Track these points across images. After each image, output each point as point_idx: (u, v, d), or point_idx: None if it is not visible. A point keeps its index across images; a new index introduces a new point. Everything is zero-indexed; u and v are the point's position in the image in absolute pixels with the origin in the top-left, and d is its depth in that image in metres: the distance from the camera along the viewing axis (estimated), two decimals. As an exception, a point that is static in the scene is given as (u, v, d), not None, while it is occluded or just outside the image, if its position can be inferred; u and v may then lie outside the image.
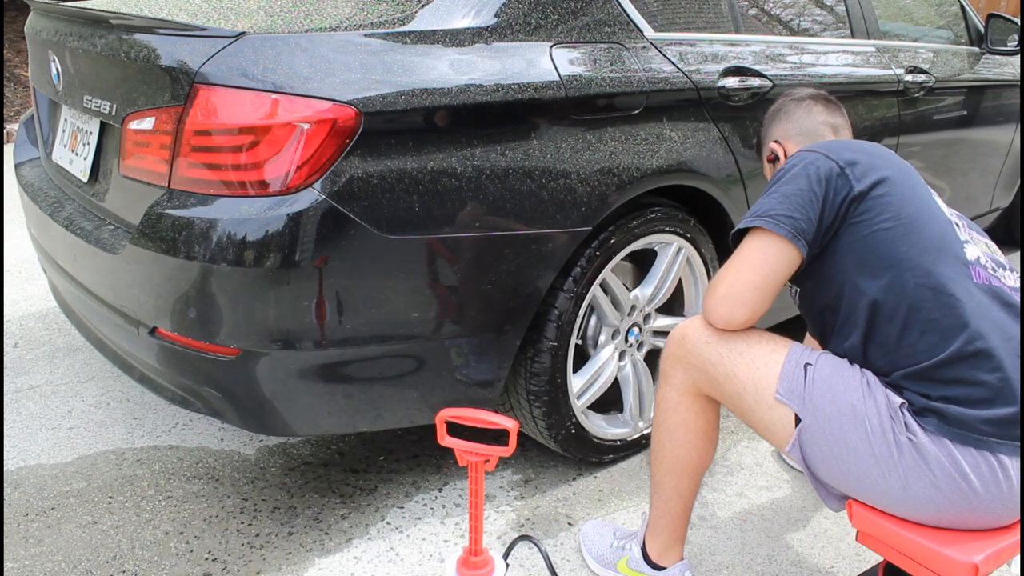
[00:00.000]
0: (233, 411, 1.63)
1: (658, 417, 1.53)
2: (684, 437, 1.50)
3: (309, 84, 1.46)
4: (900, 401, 1.28)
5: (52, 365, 2.54)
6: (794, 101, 1.65)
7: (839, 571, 1.78)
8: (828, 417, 1.30)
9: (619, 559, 1.66)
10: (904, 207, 1.33)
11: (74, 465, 2.06)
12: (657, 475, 1.56)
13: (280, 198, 1.46)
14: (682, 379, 1.46)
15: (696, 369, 1.43)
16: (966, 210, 3.30)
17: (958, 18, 3.22)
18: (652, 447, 1.56)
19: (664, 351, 1.50)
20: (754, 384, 1.36)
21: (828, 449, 1.31)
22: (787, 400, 1.33)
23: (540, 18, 1.73)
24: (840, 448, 1.29)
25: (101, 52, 1.69)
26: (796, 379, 1.33)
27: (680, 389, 1.47)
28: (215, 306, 1.50)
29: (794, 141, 1.62)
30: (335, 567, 1.74)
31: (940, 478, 1.23)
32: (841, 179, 1.34)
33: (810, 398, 1.32)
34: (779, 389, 1.34)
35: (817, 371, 1.33)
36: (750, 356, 1.37)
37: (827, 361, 1.35)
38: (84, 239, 1.74)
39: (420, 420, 1.74)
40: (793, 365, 1.35)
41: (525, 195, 1.65)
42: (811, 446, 1.32)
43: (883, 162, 1.38)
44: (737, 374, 1.38)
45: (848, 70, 2.44)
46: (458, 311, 1.65)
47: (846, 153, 1.38)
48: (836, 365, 1.34)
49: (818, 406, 1.31)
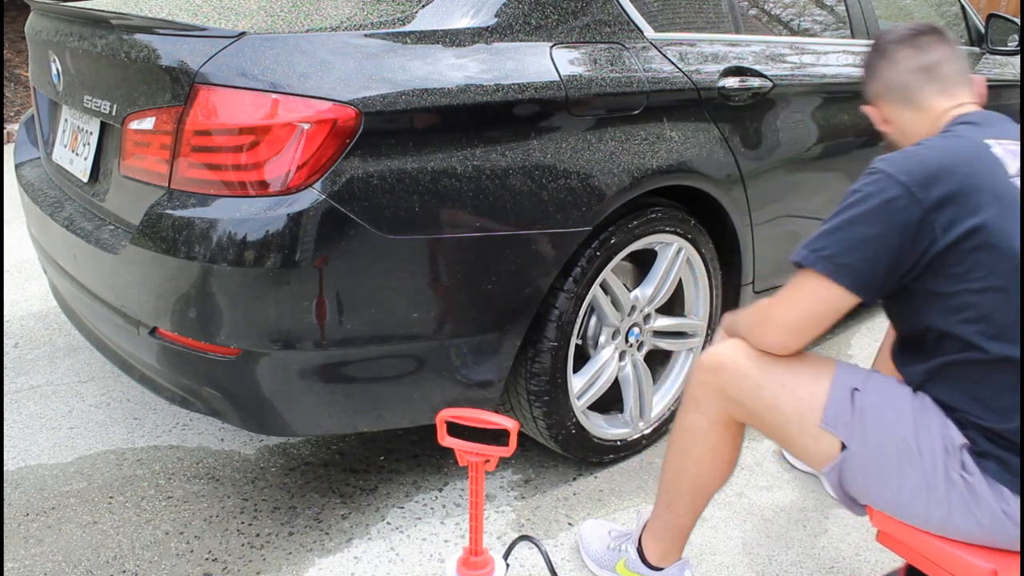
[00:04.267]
0: (233, 411, 1.63)
1: (683, 443, 1.46)
2: (711, 463, 1.45)
3: (309, 84, 1.46)
4: (962, 441, 1.21)
5: (52, 365, 2.54)
6: (877, 52, 1.44)
7: (839, 571, 1.78)
8: (877, 446, 1.24)
9: (616, 561, 1.65)
10: (998, 264, 1.15)
11: (74, 465, 2.06)
12: (672, 494, 1.51)
13: (280, 198, 1.46)
14: (716, 409, 1.40)
15: (733, 401, 1.37)
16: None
17: (958, 18, 3.22)
18: (671, 467, 1.50)
19: (695, 378, 1.43)
20: (799, 416, 1.29)
21: (872, 476, 1.25)
22: (833, 428, 1.27)
23: (540, 18, 1.73)
24: (885, 477, 1.24)
25: (101, 52, 1.70)
26: (843, 406, 1.27)
27: (713, 418, 1.41)
28: (215, 306, 1.50)
29: (888, 102, 1.42)
30: (335, 567, 1.74)
31: (986, 518, 1.19)
32: (923, 228, 1.16)
33: (858, 426, 1.25)
34: (825, 417, 1.27)
35: (866, 397, 1.26)
36: (792, 387, 1.30)
37: (876, 386, 1.28)
38: (84, 239, 1.74)
39: (420, 420, 1.74)
40: (840, 391, 1.28)
41: (525, 195, 1.65)
42: (853, 471, 1.27)
43: (980, 197, 1.16)
44: (779, 407, 1.31)
45: (848, 70, 2.44)
46: (458, 311, 1.65)
47: (934, 187, 1.16)
48: (886, 391, 1.27)
49: (866, 434, 1.25)
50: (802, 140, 2.26)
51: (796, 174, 2.27)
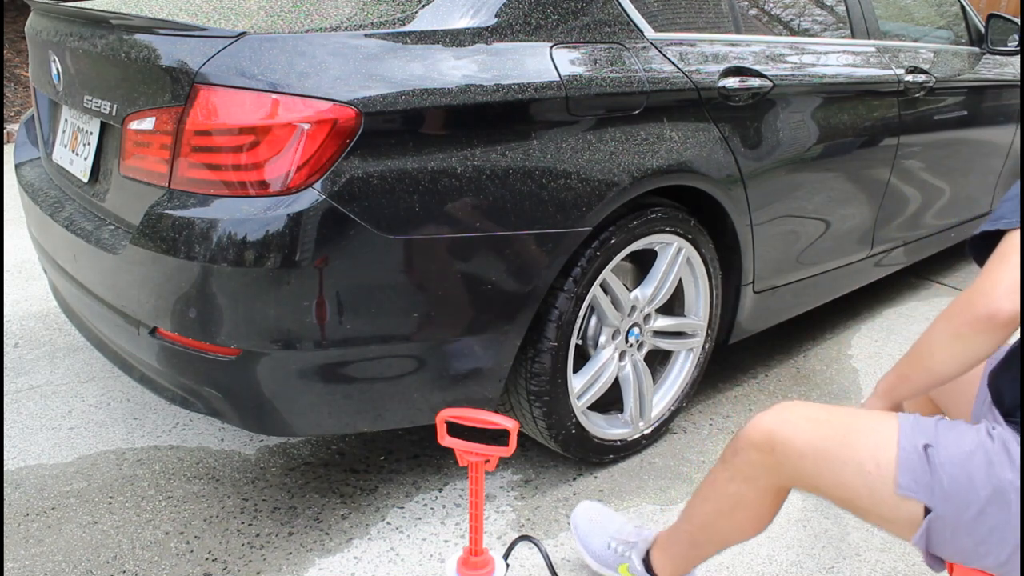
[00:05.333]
0: (233, 411, 1.63)
1: (722, 507, 1.39)
2: (749, 525, 1.39)
3: (309, 84, 1.46)
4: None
5: (52, 365, 2.54)
6: None
7: (839, 571, 1.78)
8: (966, 504, 1.14)
9: (619, 564, 1.64)
10: None
11: (74, 465, 2.06)
12: (699, 538, 1.45)
13: (280, 198, 1.46)
14: (768, 483, 1.32)
15: (790, 479, 1.29)
16: (966, 210, 3.30)
17: (958, 18, 3.22)
18: (703, 520, 1.44)
19: (743, 455, 1.34)
20: (869, 490, 1.20)
21: (966, 535, 1.15)
22: (912, 494, 1.17)
23: (540, 18, 1.73)
24: (982, 533, 1.14)
25: (101, 52, 1.70)
26: (919, 466, 1.17)
27: (763, 491, 1.34)
28: (215, 306, 1.50)
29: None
30: (335, 567, 1.74)
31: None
32: None
33: (939, 485, 1.15)
34: (900, 483, 1.18)
35: (941, 452, 1.17)
36: (856, 461, 1.21)
37: (948, 438, 1.18)
38: (84, 239, 1.74)
39: (420, 420, 1.74)
40: (910, 451, 1.18)
41: (525, 195, 1.65)
42: (941, 534, 1.17)
43: None
44: (845, 483, 1.22)
45: (848, 70, 2.44)
46: (458, 311, 1.65)
47: None
48: (958, 440, 1.18)
49: (949, 493, 1.14)
50: (802, 140, 2.26)
51: (796, 174, 2.27)
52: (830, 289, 2.69)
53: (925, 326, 3.06)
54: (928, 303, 3.30)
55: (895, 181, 2.70)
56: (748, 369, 2.68)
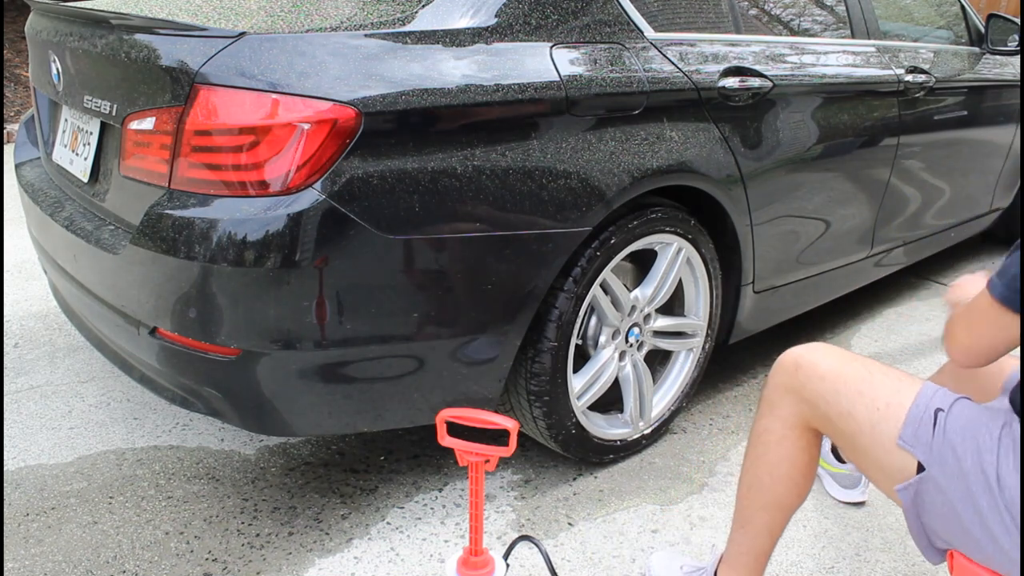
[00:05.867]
0: (233, 411, 1.63)
1: (757, 449, 1.42)
2: (787, 473, 1.40)
3: (309, 84, 1.46)
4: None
5: (52, 365, 2.54)
6: None
7: (839, 571, 1.78)
8: (960, 474, 1.16)
9: None
10: None
11: (74, 465, 2.06)
12: (748, 510, 1.45)
13: (280, 198, 1.46)
14: (791, 412, 1.36)
15: (808, 403, 1.33)
16: (966, 210, 3.30)
17: (958, 18, 3.22)
18: (746, 479, 1.45)
19: (772, 379, 1.39)
20: (872, 426, 1.24)
21: (951, 506, 1.17)
22: (911, 447, 1.20)
23: (540, 18, 1.73)
24: (966, 509, 1.16)
25: (101, 52, 1.70)
26: (924, 426, 1.20)
27: (789, 423, 1.37)
28: (215, 306, 1.50)
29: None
30: (335, 567, 1.74)
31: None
32: None
33: (939, 449, 1.18)
34: (903, 434, 1.21)
35: (950, 420, 1.19)
36: (871, 396, 1.26)
37: (963, 411, 1.20)
38: (84, 239, 1.74)
39: (420, 420, 1.74)
40: (922, 410, 1.21)
41: (525, 195, 1.65)
42: (930, 496, 1.19)
43: None
44: (854, 414, 1.26)
45: (848, 70, 2.44)
46: (458, 311, 1.65)
47: None
48: (973, 417, 1.19)
49: (947, 460, 1.17)
50: (802, 140, 2.26)
51: (796, 174, 2.27)
52: (830, 289, 2.69)
53: (925, 326, 3.07)
54: (928, 303, 3.30)
55: (895, 181, 2.70)
56: (748, 369, 2.68)
